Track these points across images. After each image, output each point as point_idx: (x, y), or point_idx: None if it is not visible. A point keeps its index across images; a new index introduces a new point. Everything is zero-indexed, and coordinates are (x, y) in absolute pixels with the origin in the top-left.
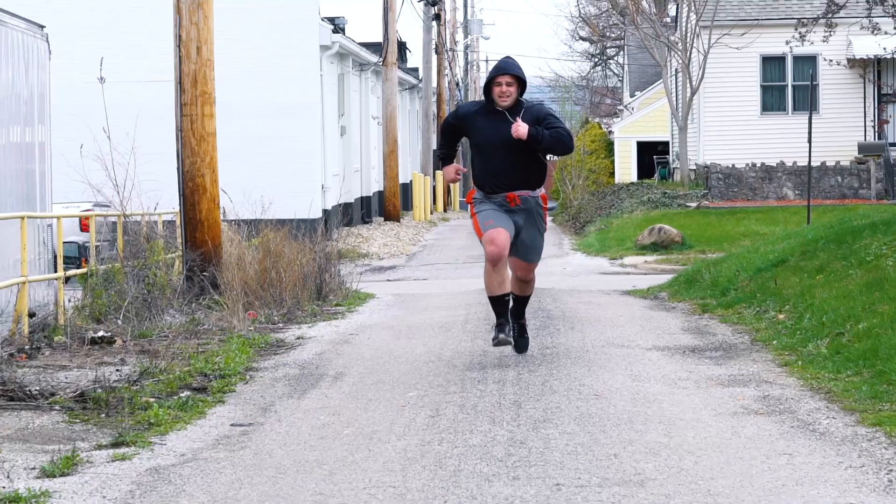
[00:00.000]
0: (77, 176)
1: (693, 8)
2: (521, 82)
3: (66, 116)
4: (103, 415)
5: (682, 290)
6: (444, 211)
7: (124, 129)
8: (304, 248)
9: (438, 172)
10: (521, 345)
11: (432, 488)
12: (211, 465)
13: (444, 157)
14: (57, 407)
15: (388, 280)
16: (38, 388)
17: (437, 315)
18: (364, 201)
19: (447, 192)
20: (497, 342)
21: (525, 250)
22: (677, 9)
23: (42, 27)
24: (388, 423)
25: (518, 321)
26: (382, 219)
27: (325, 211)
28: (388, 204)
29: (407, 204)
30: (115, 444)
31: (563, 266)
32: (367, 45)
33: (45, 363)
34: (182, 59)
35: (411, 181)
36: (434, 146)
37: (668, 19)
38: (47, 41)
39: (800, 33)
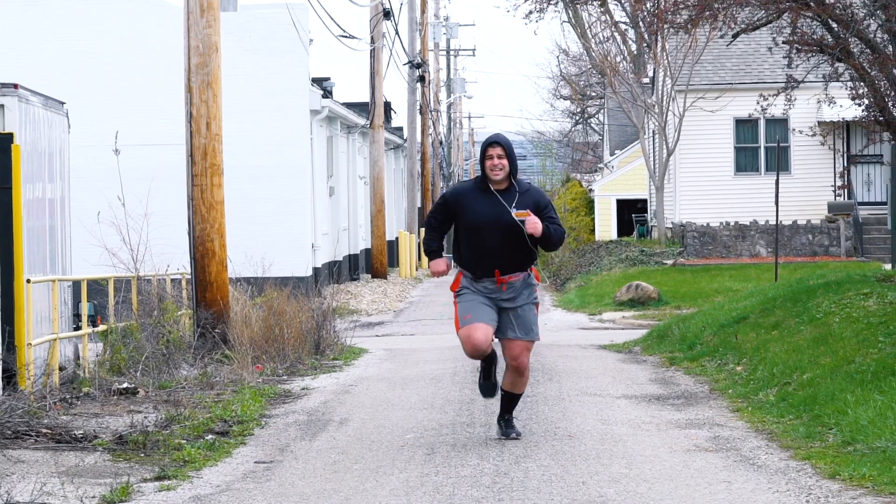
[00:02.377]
0: (94, 240)
1: (669, 73)
2: (511, 159)
3: (84, 183)
4: (142, 454)
5: (654, 344)
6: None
7: (138, 196)
8: (303, 307)
9: (423, 230)
10: (508, 433)
11: None
12: (244, 494)
13: (435, 249)
14: (100, 448)
15: (378, 335)
16: (81, 432)
17: (428, 368)
18: (352, 259)
19: None
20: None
21: (518, 324)
22: (654, 73)
23: (62, 103)
24: (390, 459)
25: (507, 415)
26: (370, 276)
27: (315, 269)
28: (376, 261)
29: (393, 261)
30: (159, 478)
31: (544, 322)
32: (353, 105)
33: (79, 411)
34: (193, 134)
35: (397, 238)
36: (418, 204)
37: (647, 79)
38: (67, 116)
39: (762, 107)
